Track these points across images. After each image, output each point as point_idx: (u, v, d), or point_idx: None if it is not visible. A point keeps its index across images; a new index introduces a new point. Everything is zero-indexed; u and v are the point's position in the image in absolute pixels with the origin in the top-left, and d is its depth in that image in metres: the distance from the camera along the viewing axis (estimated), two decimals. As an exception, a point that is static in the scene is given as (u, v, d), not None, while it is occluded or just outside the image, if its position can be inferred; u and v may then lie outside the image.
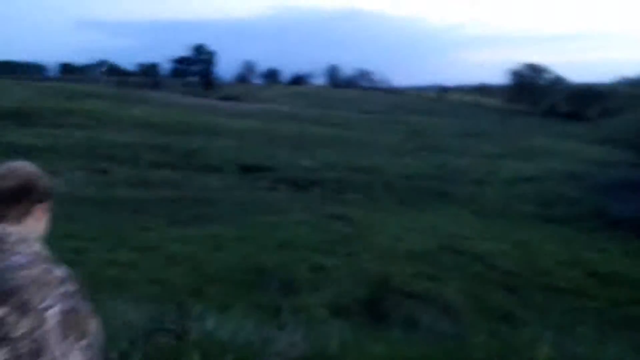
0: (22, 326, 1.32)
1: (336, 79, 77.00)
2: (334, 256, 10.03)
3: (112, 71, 73.03)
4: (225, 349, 3.64)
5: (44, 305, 1.35)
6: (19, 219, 1.50)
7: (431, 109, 50.37)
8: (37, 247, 1.49)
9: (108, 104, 32.84)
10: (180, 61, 72.19)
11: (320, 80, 77.95)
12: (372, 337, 4.75)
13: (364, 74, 76.27)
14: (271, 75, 79.92)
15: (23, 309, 1.33)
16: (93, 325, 1.42)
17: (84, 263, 9.33)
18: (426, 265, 10.39)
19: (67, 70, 74.06)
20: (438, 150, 27.42)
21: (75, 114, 28.34)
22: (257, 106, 40.95)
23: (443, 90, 65.22)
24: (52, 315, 1.34)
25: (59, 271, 1.43)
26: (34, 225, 1.53)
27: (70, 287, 1.42)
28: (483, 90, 63.59)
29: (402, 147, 27.81)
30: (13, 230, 1.48)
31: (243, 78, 77.20)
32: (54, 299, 1.37)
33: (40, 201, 1.54)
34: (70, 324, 1.36)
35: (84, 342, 1.37)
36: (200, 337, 3.77)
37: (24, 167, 1.57)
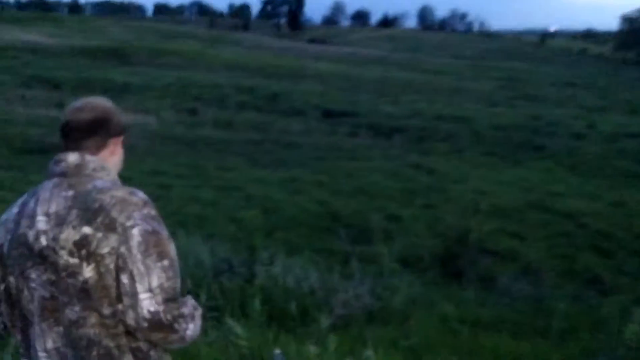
0: (109, 243, 1.39)
1: (428, 21, 73.81)
2: (411, 207, 9.78)
3: (203, 12, 74.24)
4: (289, 295, 3.60)
5: (128, 223, 1.41)
6: (95, 149, 1.56)
7: (531, 55, 47.19)
8: (114, 175, 1.57)
9: (200, 45, 33.52)
10: (269, 2, 72.00)
11: (411, 22, 75.09)
12: (443, 294, 4.54)
13: (458, 16, 72.40)
14: (360, 17, 77.94)
15: (110, 226, 1.40)
16: (172, 248, 1.46)
17: (169, 199, 9.74)
18: (510, 222, 9.90)
19: (162, 10, 76.12)
20: (534, 99, 25.76)
21: (169, 54, 29.23)
22: (344, 49, 40.20)
23: (546, 35, 60.70)
24: (136, 233, 1.40)
25: (141, 194, 1.49)
26: (109, 158, 1.58)
27: (151, 210, 1.47)
28: (590, 36, 58.56)
29: (495, 96, 26.38)
30: (91, 158, 1.54)
31: (331, 20, 75.89)
32: (137, 218, 1.42)
33: (114, 135, 1.59)
34: (151, 244, 1.41)
35: (165, 262, 1.42)
36: (265, 282, 3.75)
37: (101, 101, 1.62)
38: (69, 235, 1.41)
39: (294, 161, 13.09)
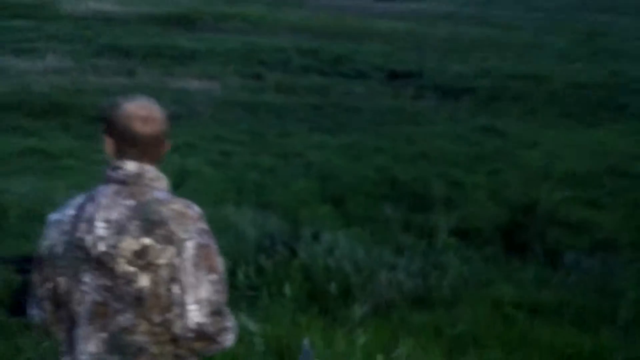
0: (166, 255, 1.50)
1: (503, -27, 69.50)
2: (476, 173, 9.32)
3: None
4: (331, 275, 3.45)
5: (184, 236, 1.52)
6: (153, 159, 1.67)
7: (615, 6, 43.58)
8: (166, 184, 1.68)
9: (266, 9, 33.36)
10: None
11: (484, -25, 71.02)
12: (501, 273, 4.24)
13: (536, -34, 67.71)
14: (430, -28, 74.59)
15: (167, 239, 1.51)
16: (221, 262, 1.55)
17: (229, 165, 9.82)
18: (585, 189, 9.24)
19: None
20: (617, 55, 23.80)
21: (233, 19, 29.24)
22: (410, 6, 38.72)
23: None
24: (190, 246, 1.51)
25: (196, 208, 1.60)
26: (159, 163, 1.70)
27: (204, 224, 1.57)
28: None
29: (574, 52, 24.60)
30: (149, 167, 1.65)
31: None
32: (192, 232, 1.53)
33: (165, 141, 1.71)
34: (202, 257, 1.51)
35: (214, 276, 1.50)
36: (307, 260, 3.62)
37: (158, 111, 1.69)
38: (129, 244, 1.50)
39: (355, 126, 12.81)
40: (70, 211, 1.60)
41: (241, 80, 18.52)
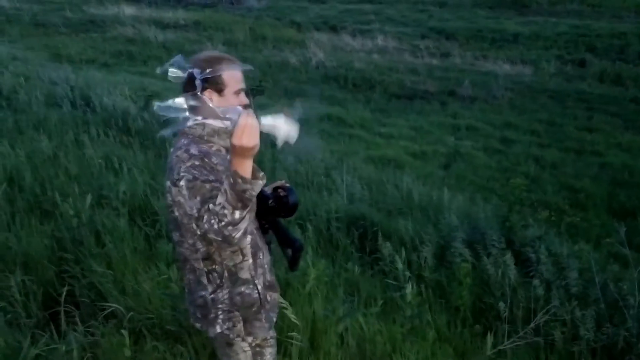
0: (175, 193, 1.89)
1: None
2: None
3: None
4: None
5: (178, 177, 1.87)
6: (194, 96, 1.92)
7: None
8: (202, 129, 1.97)
9: (613, -12, 29.46)
10: None
11: None
12: None
13: None
14: None
15: (173, 181, 1.89)
16: (211, 190, 1.82)
17: (505, 154, 9.20)
18: None
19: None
20: None
21: (572, 2, 26.67)
22: None
23: None
24: (182, 184, 1.86)
25: (194, 149, 1.91)
26: (205, 101, 1.92)
27: (195, 161, 1.87)
28: None
29: None
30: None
31: None
32: (182, 172, 1.86)
33: (206, 87, 1.94)
34: (194, 191, 1.83)
35: (198, 199, 1.82)
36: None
37: (194, 58, 1.98)
38: (165, 184, 1.96)
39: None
40: None
41: (561, 66, 16.91)
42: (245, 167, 1.71)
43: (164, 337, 2.83)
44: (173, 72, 1.91)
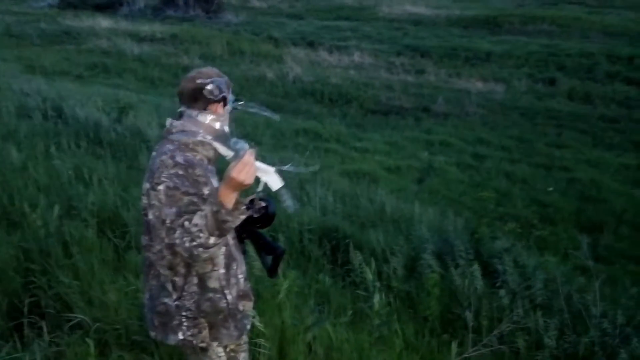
0: (152, 197, 1.90)
1: None
2: None
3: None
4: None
5: (158, 181, 1.88)
6: (198, 111, 1.98)
7: None
8: (188, 137, 1.96)
9: (581, 10, 30.38)
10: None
11: None
12: None
13: None
14: None
15: (153, 184, 1.90)
16: (188, 205, 1.83)
17: (477, 169, 9.35)
18: None
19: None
20: None
21: (543, 21, 27.43)
22: None
23: None
24: (161, 189, 1.87)
25: (179, 157, 1.91)
26: (211, 117, 1.98)
27: (179, 170, 1.88)
28: None
29: None
30: (177, 123, 2.00)
31: None
32: (164, 177, 1.88)
33: (214, 101, 1.98)
34: (172, 200, 1.84)
35: (184, 222, 1.81)
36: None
37: (206, 72, 2.00)
38: (144, 186, 1.96)
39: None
40: None
41: (531, 84, 17.33)
42: (231, 199, 1.79)
43: (130, 348, 2.81)
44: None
